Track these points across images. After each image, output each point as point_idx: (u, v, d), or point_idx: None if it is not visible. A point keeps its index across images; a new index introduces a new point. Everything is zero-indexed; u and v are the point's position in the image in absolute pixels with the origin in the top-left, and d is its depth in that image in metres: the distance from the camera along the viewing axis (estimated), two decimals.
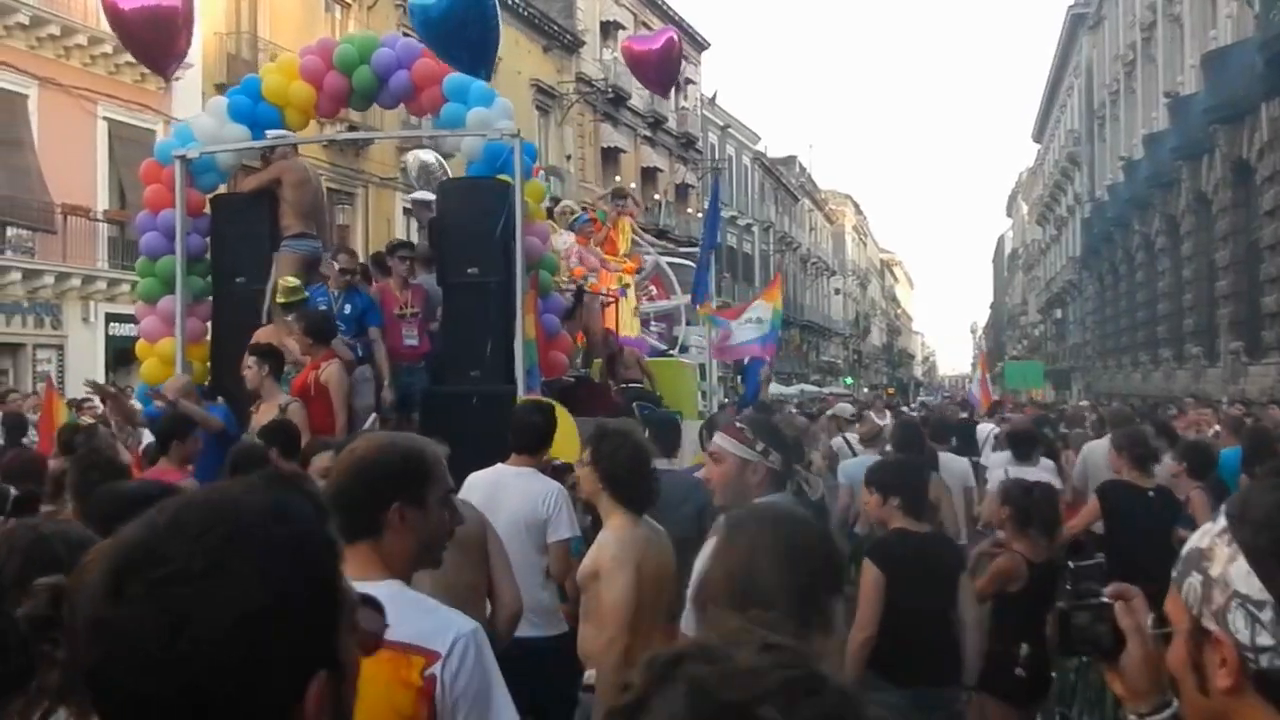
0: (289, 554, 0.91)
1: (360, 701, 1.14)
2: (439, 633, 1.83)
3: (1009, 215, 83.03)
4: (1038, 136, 59.55)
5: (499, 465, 4.15)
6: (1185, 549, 1.24)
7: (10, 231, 16.47)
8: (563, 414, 5.01)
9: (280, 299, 6.41)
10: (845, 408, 10.32)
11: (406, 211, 23.01)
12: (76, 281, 17.23)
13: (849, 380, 54.69)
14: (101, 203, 17.77)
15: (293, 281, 6.46)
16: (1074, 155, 44.59)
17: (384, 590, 1.72)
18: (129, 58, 17.75)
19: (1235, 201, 22.30)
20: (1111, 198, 35.24)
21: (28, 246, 16.74)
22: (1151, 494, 5.18)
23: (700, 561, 2.32)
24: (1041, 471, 6.17)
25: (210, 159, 7.26)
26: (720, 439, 3.09)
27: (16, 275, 16.35)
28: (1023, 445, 6.76)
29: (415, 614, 1.83)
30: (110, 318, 18.14)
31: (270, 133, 7.15)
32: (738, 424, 3.22)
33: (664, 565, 3.17)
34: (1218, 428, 9.62)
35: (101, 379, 16.87)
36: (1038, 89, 65.58)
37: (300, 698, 0.90)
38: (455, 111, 6.90)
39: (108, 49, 17.41)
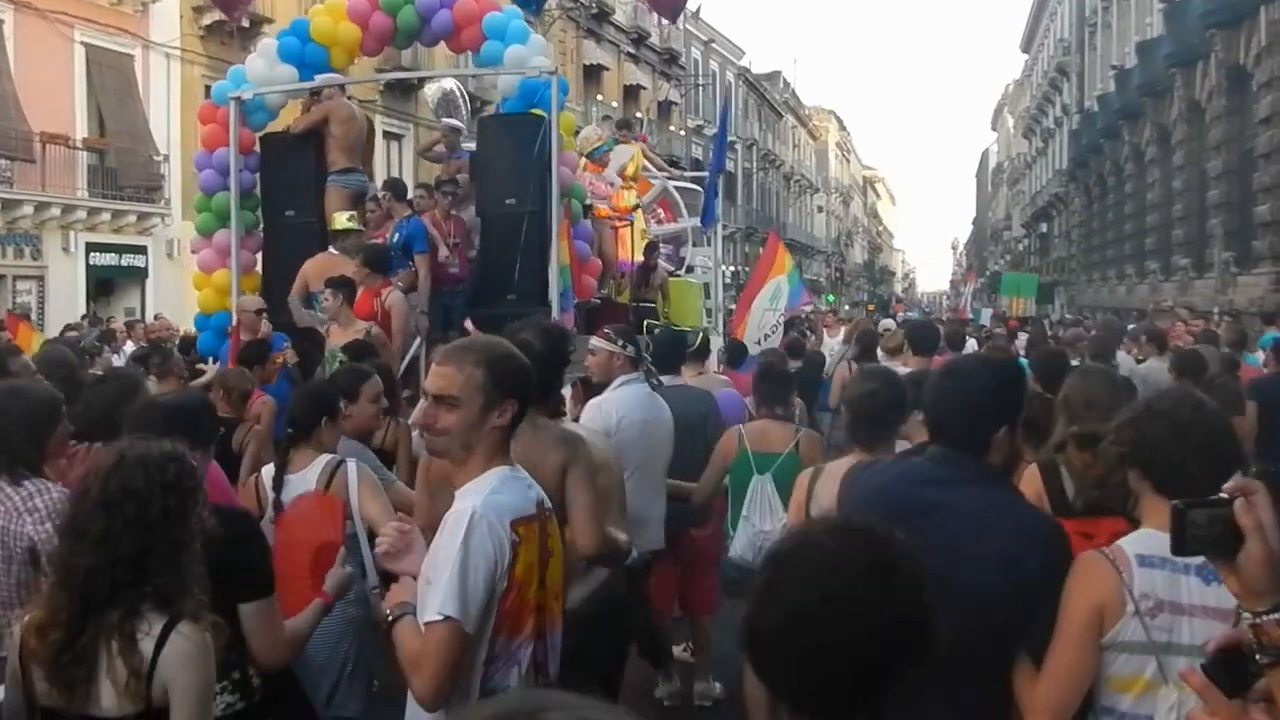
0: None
1: (554, 556, 2.25)
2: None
3: (994, 129, 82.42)
4: (1026, 46, 58.72)
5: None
6: None
7: None
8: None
9: (334, 227, 6.90)
10: (889, 323, 11.16)
11: (386, 135, 22.79)
12: (56, 211, 16.89)
13: (831, 298, 54.80)
14: (80, 130, 17.32)
15: (346, 215, 6.92)
16: (1063, 65, 44.01)
17: (509, 474, 2.19)
18: None
19: (1230, 109, 22.14)
20: (1101, 108, 34.93)
21: (5, 176, 16.33)
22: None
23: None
24: None
25: (260, 99, 7.61)
26: (594, 340, 4.25)
27: None
28: None
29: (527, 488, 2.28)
30: (91, 247, 17.82)
31: (320, 77, 7.52)
32: (605, 329, 4.31)
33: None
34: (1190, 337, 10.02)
35: (82, 310, 16.74)
36: None
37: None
38: (494, 49, 7.27)
39: None
